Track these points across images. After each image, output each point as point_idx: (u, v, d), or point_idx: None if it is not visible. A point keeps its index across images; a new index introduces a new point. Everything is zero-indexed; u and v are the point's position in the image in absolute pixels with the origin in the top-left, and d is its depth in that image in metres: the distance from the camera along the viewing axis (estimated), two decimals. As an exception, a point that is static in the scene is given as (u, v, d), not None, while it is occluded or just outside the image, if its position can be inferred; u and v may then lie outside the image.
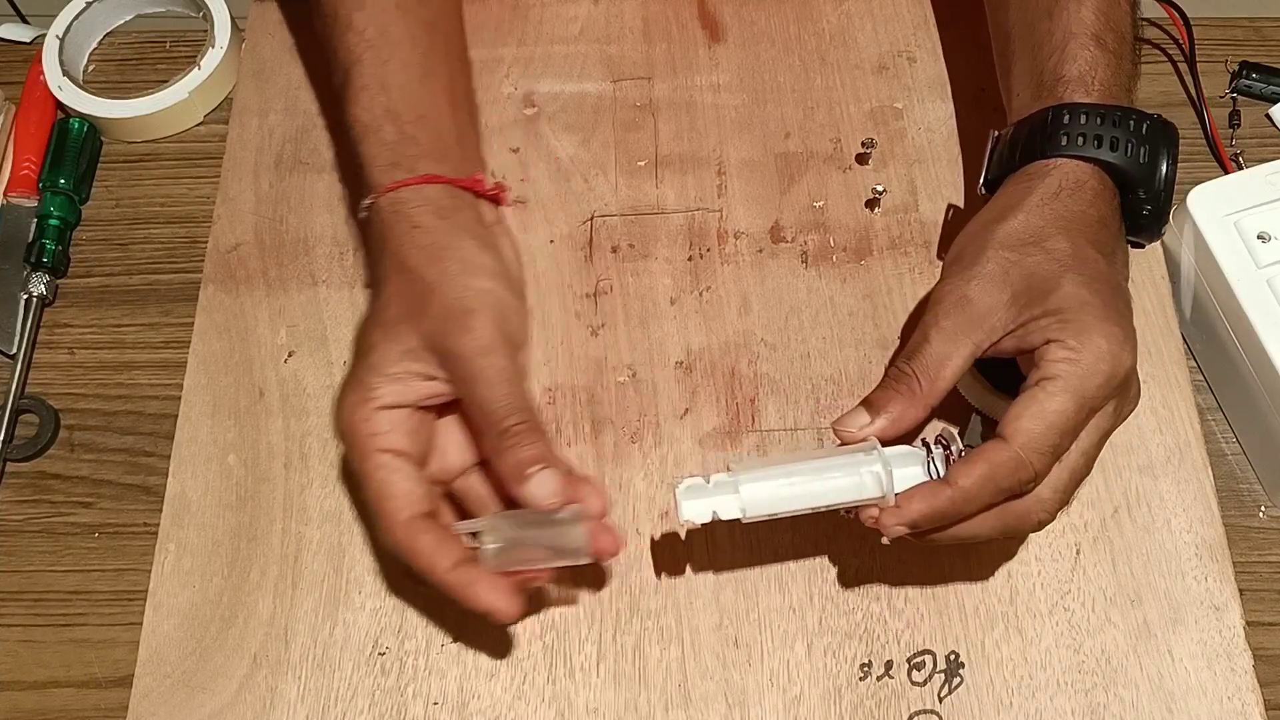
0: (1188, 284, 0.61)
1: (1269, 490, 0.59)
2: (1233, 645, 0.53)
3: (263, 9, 0.69)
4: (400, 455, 0.48)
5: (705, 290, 0.61)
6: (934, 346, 0.48)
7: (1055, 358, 0.46)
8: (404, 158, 0.52)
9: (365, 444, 0.48)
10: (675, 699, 0.52)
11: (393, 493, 0.47)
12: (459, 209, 0.52)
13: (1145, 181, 0.51)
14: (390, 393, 0.48)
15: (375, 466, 0.47)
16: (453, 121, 0.55)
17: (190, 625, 0.54)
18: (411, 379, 0.48)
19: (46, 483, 0.59)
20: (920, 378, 0.48)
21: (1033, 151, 0.51)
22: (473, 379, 0.47)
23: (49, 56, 0.68)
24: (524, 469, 0.46)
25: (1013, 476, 0.45)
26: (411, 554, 0.47)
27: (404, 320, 0.49)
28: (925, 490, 0.46)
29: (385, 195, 0.51)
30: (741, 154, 0.64)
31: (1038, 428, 0.45)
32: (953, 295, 0.49)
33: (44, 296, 0.63)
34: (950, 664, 0.52)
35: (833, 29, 0.68)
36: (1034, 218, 0.49)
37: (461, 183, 0.52)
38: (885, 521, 0.46)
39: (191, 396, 0.59)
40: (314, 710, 0.52)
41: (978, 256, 0.49)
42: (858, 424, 0.48)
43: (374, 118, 0.53)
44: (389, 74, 0.53)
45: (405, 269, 0.50)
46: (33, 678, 0.55)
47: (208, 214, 0.64)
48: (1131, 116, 0.51)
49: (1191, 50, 0.68)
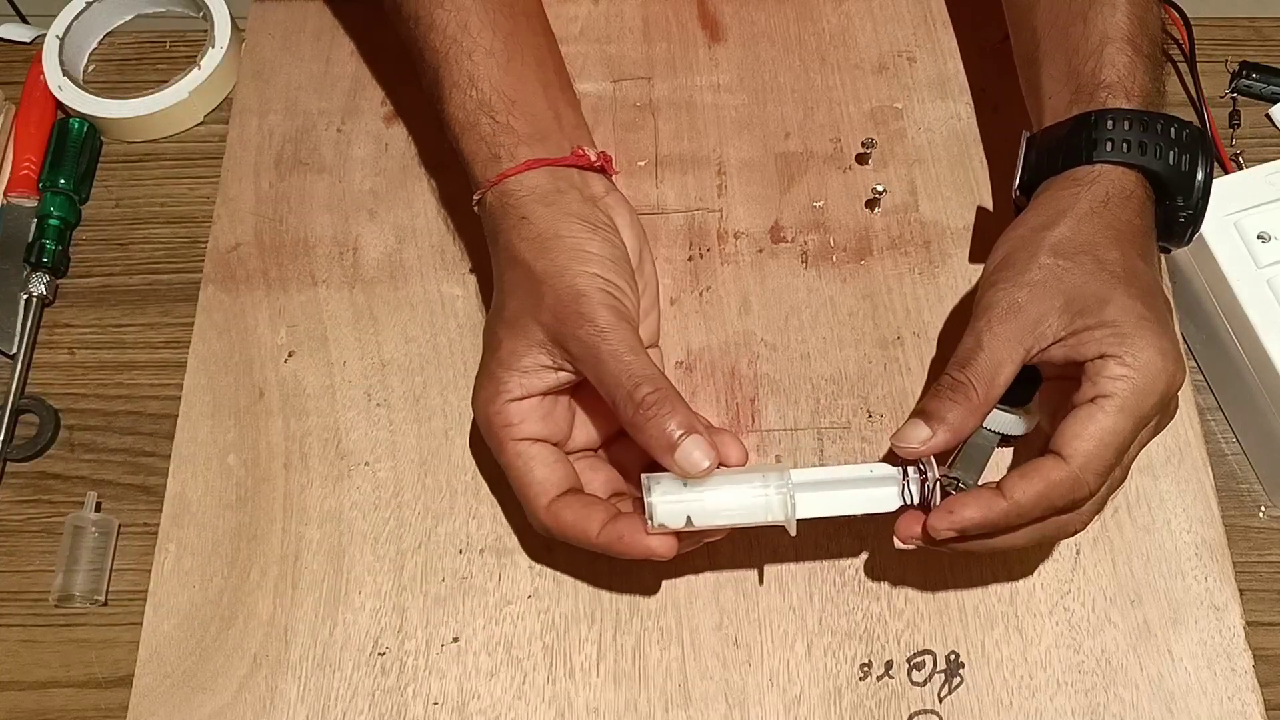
0: (1187, 284, 0.61)
1: (1269, 490, 0.59)
2: (1233, 645, 0.53)
3: (263, 9, 0.69)
4: (537, 442, 0.49)
5: (705, 290, 0.61)
6: (987, 353, 0.47)
7: (1112, 374, 0.46)
8: (503, 148, 0.52)
9: (501, 435, 0.49)
10: (675, 699, 0.52)
11: (532, 480, 0.49)
12: (563, 191, 0.52)
13: (1185, 189, 0.51)
14: (519, 385, 0.49)
15: (514, 456, 0.49)
16: (546, 101, 0.54)
17: (190, 625, 0.54)
18: (539, 370, 0.49)
19: (46, 483, 0.59)
20: (977, 385, 0.47)
21: (1075, 156, 0.51)
22: (597, 362, 0.47)
23: (49, 56, 0.68)
24: (670, 439, 0.46)
25: (1068, 496, 0.45)
26: (560, 533, 0.48)
27: (524, 314, 0.50)
28: (980, 499, 0.46)
29: (491, 190, 0.52)
30: (741, 154, 0.64)
31: (1096, 448, 0.45)
32: (1004, 301, 0.48)
33: (44, 296, 0.63)
34: (950, 664, 0.52)
35: (833, 29, 0.68)
36: (1084, 226, 0.49)
37: (564, 161, 0.52)
38: (935, 524, 0.46)
39: (191, 396, 0.58)
40: (314, 710, 0.52)
41: (1028, 263, 0.48)
42: (919, 438, 0.47)
43: (468, 114, 0.53)
44: (476, 67, 0.53)
45: (518, 262, 0.50)
46: (33, 678, 0.55)
47: (208, 214, 0.64)
48: (1173, 124, 0.51)
49: (1191, 50, 0.68)
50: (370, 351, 0.59)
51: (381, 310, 0.60)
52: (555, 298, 0.49)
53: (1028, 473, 0.45)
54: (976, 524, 0.45)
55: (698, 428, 0.46)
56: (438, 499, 0.56)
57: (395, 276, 0.61)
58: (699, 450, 0.46)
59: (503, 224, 0.51)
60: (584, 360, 0.48)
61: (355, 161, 0.65)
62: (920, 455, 0.47)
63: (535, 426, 0.50)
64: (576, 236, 0.50)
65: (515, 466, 0.49)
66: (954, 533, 0.46)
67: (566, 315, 0.48)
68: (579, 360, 0.48)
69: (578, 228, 0.50)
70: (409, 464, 0.57)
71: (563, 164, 0.52)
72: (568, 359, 0.49)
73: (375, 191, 0.64)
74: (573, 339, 0.48)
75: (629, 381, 0.47)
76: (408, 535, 0.55)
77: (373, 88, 0.67)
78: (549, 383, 0.50)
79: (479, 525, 0.55)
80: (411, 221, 0.63)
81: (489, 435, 0.50)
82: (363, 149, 0.65)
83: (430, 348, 0.59)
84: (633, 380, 0.47)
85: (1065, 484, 0.45)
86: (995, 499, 0.45)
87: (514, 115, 0.53)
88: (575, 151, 0.53)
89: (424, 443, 0.57)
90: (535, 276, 0.49)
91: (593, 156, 0.53)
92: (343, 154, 0.65)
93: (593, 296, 0.48)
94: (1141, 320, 0.46)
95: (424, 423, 0.58)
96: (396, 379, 0.59)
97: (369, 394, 0.58)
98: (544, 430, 0.50)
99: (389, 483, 0.56)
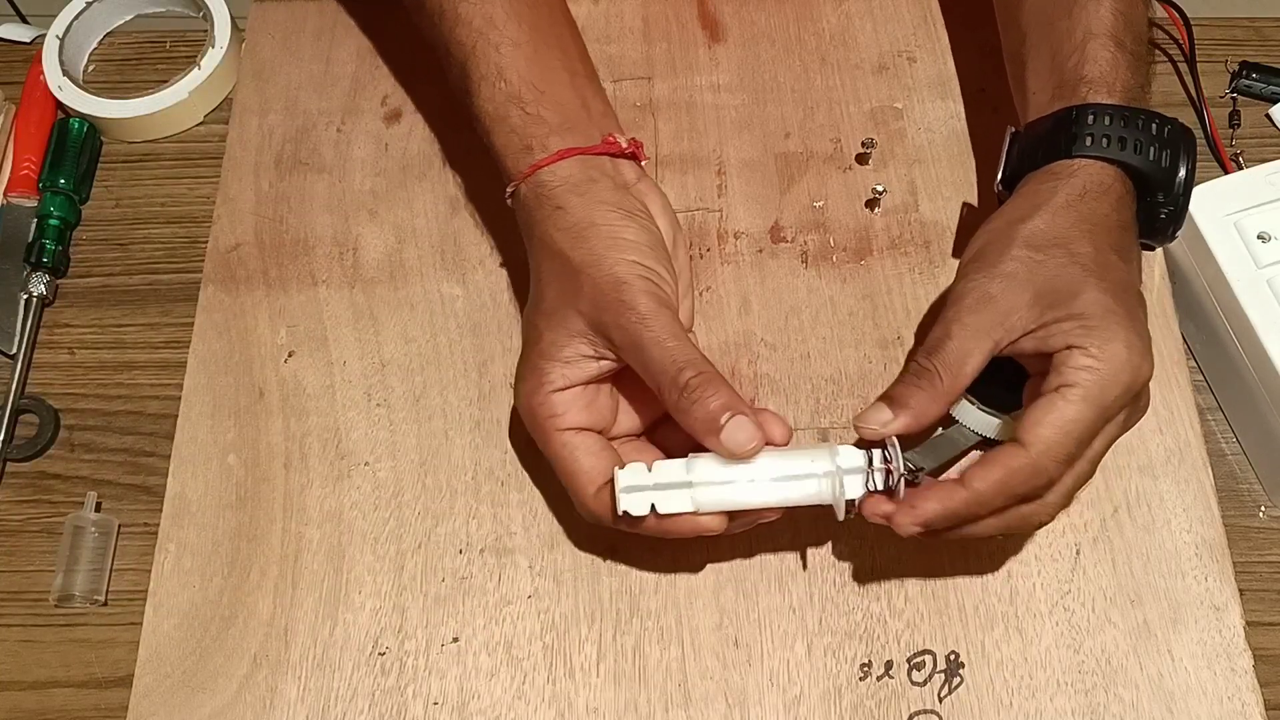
0: (1187, 284, 0.61)
1: (1269, 490, 0.59)
2: (1233, 645, 0.53)
3: (263, 9, 0.69)
4: (581, 431, 0.50)
5: (705, 290, 0.61)
6: (955, 342, 0.47)
7: (1077, 365, 0.46)
8: (534, 139, 0.52)
9: (546, 426, 0.50)
10: (675, 699, 0.52)
11: (577, 469, 0.49)
12: (595, 180, 0.52)
13: (1166, 185, 0.51)
14: (561, 376, 0.49)
15: (559, 446, 0.49)
16: (573, 90, 0.54)
17: (190, 625, 0.54)
18: (580, 360, 0.50)
19: (46, 483, 0.59)
20: (942, 373, 0.47)
21: (1055, 151, 0.51)
22: (638, 348, 0.48)
23: (49, 56, 0.68)
24: (715, 421, 0.46)
25: (1028, 483, 0.45)
26: (609, 520, 0.49)
27: (563, 305, 0.50)
28: (941, 491, 0.46)
29: (524, 181, 0.52)
30: (741, 154, 0.64)
31: (1056, 436, 0.45)
32: (975, 292, 0.48)
33: (44, 296, 0.63)
34: (950, 664, 0.52)
35: (833, 29, 0.68)
36: (1059, 219, 0.49)
37: (595, 150, 0.52)
38: (899, 520, 0.46)
39: (191, 396, 0.59)
40: (314, 710, 0.52)
41: (1001, 255, 0.49)
42: (879, 420, 0.47)
43: (497, 107, 0.53)
44: (503, 59, 0.53)
45: (554, 253, 0.50)
46: (33, 678, 0.55)
47: (208, 214, 0.64)
48: (1154, 120, 0.51)
49: (1191, 50, 0.68)
50: (370, 351, 0.59)
51: (381, 310, 0.60)
52: (594, 286, 0.49)
53: (987, 461, 0.46)
54: (940, 516, 0.46)
55: (743, 409, 0.46)
56: (438, 499, 0.56)
57: (395, 276, 0.61)
58: (744, 432, 0.46)
59: (538, 215, 0.51)
60: (626, 348, 0.48)
61: (355, 161, 0.65)
62: (879, 437, 0.47)
63: (579, 416, 0.50)
64: (612, 224, 0.50)
65: (561, 456, 0.50)
66: (919, 527, 0.46)
67: (607, 304, 0.48)
68: (621, 348, 0.48)
69: (613, 215, 0.50)
70: (409, 464, 0.57)
71: (594, 152, 0.52)
72: (609, 347, 0.49)
73: (375, 191, 0.64)
74: (614, 327, 0.48)
75: (673, 367, 0.47)
76: (408, 535, 0.55)
77: (373, 88, 0.67)
78: (591, 372, 0.50)
79: (479, 525, 0.55)
80: (411, 221, 0.63)
81: (533, 427, 0.51)
82: (363, 149, 0.65)
83: (430, 348, 0.59)
84: (676, 365, 0.47)
85: (1024, 471, 0.45)
86: (955, 490, 0.46)
87: (543, 106, 0.53)
88: (606, 139, 0.53)
89: (424, 443, 0.57)
90: (573, 266, 0.49)
91: (623, 143, 0.53)
92: (343, 154, 0.65)
93: (633, 284, 0.48)
94: (1109, 313, 0.46)
95: (424, 423, 0.58)
96: (396, 379, 0.59)
97: (369, 394, 0.58)
98: (588, 419, 0.50)
99: (389, 483, 0.56)
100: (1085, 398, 0.45)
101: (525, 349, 0.52)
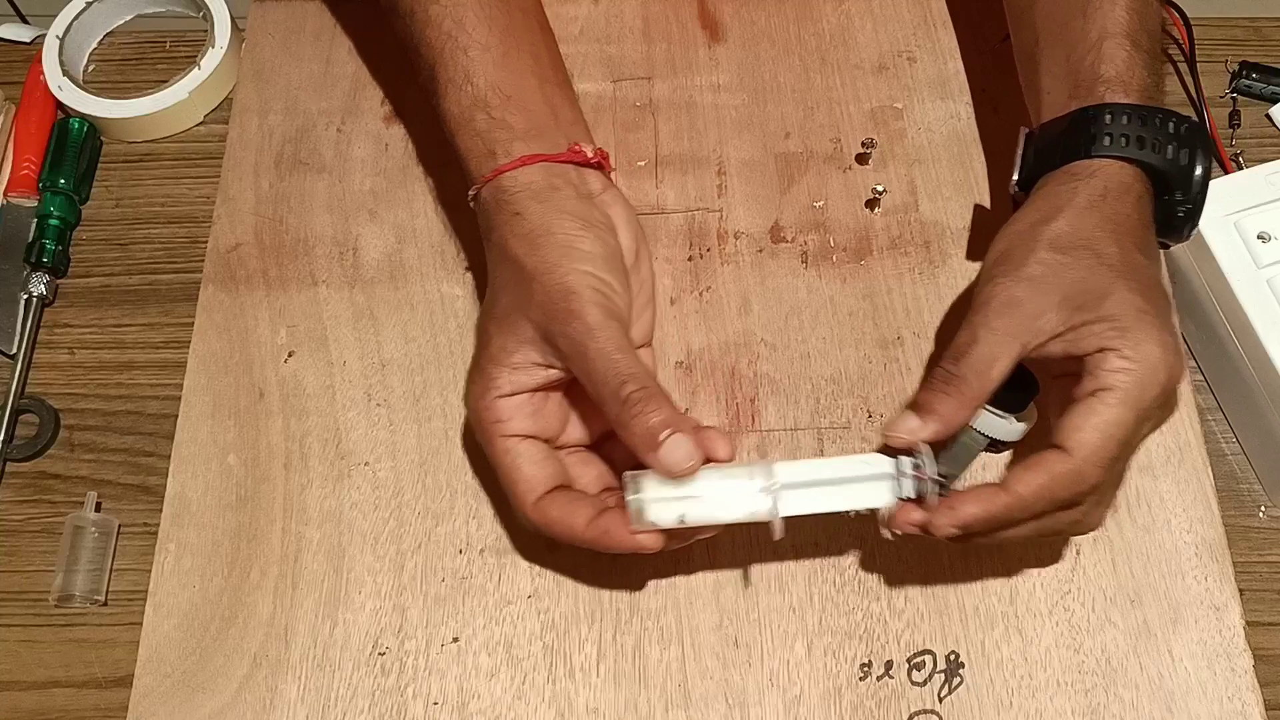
0: (1187, 284, 0.61)
1: (1269, 490, 0.59)
2: (1233, 645, 0.53)
3: (263, 9, 0.69)
4: (525, 439, 0.50)
5: (705, 290, 0.61)
6: (982, 347, 0.47)
7: (1113, 367, 0.46)
8: (498, 144, 0.52)
9: (491, 431, 0.50)
10: (675, 699, 0.52)
11: (519, 476, 0.49)
12: (557, 189, 0.51)
13: (1184, 184, 0.51)
14: (509, 382, 0.49)
15: (502, 452, 0.49)
16: (542, 96, 0.54)
17: (190, 625, 0.54)
18: (529, 366, 0.49)
19: (46, 483, 0.59)
20: (970, 378, 0.47)
21: (1074, 151, 0.51)
22: (584, 359, 0.47)
23: (49, 56, 0.68)
24: (653, 437, 0.46)
25: (1071, 489, 0.45)
26: (547, 529, 0.49)
27: (514, 311, 0.50)
28: (982, 494, 0.46)
29: (486, 186, 0.52)
30: (741, 154, 0.64)
31: (1099, 440, 0.45)
32: (1002, 296, 0.48)
33: (44, 296, 0.63)
34: (950, 664, 0.52)
35: (833, 29, 0.68)
36: (1083, 220, 0.49)
37: (560, 157, 0.52)
38: (938, 522, 0.46)
39: (191, 396, 0.59)
40: (314, 710, 0.52)
41: (1026, 258, 0.48)
42: (909, 428, 0.47)
43: (463, 110, 0.53)
44: (471, 63, 0.53)
45: (509, 259, 0.50)
46: (33, 678, 0.55)
47: (208, 214, 0.64)
48: (1171, 118, 0.51)
49: (1191, 50, 0.68)
50: (370, 351, 0.59)
51: (381, 310, 0.60)
52: (545, 294, 0.49)
53: (1030, 465, 0.45)
54: (979, 519, 0.45)
55: (682, 426, 0.46)
56: (438, 499, 0.56)
57: (395, 276, 0.61)
58: (681, 449, 0.45)
59: (496, 220, 0.51)
60: (572, 357, 0.48)
61: (355, 161, 0.65)
62: (910, 445, 0.47)
63: (524, 423, 0.50)
64: (569, 233, 0.50)
65: (503, 463, 0.49)
66: (957, 530, 0.46)
67: (556, 312, 0.48)
68: (567, 357, 0.48)
69: (570, 224, 0.50)
70: (409, 464, 0.57)
71: (558, 160, 0.52)
72: (557, 355, 0.49)
73: (375, 191, 0.64)
74: (562, 336, 0.48)
75: (615, 380, 0.47)
76: (408, 535, 0.55)
77: (373, 88, 0.67)
78: (539, 379, 0.50)
79: (479, 525, 0.55)
80: (411, 221, 0.63)
81: (478, 430, 0.51)
82: (363, 149, 0.65)
83: (430, 348, 0.59)
84: (619, 378, 0.47)
85: (1068, 476, 0.45)
86: (997, 494, 0.45)
87: (509, 111, 0.53)
88: (571, 148, 0.53)
89: (424, 443, 0.57)
90: (526, 273, 0.49)
91: (589, 153, 0.53)
92: (343, 154, 0.65)
93: (582, 294, 0.48)
94: (1141, 314, 0.46)
95: (424, 423, 0.58)
96: (396, 379, 0.59)
97: (369, 394, 0.58)
98: (533, 427, 0.50)
99: (389, 483, 0.56)
100: (1124, 400, 0.45)
101: (476, 352, 0.52)
